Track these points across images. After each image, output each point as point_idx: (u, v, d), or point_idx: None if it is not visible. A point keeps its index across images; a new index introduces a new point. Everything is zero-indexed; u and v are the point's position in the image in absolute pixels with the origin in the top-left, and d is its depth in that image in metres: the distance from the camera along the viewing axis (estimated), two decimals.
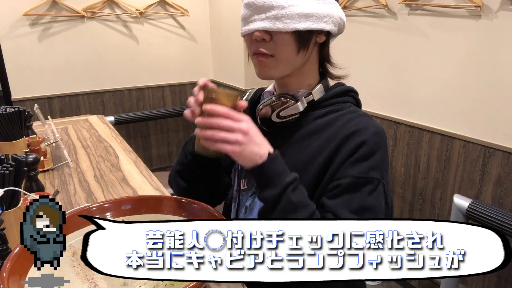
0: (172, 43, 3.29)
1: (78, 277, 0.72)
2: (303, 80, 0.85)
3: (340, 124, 0.81)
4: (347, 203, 0.74)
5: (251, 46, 0.81)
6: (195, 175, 0.90)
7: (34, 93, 2.89)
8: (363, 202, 0.74)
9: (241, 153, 0.70)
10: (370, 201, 0.74)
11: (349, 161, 0.76)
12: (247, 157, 0.71)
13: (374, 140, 0.77)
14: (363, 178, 0.75)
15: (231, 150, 0.70)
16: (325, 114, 0.83)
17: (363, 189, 0.74)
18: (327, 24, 0.79)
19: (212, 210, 0.79)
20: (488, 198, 1.74)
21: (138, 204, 0.84)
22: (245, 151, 0.70)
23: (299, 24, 0.76)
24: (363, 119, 0.81)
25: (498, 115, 1.64)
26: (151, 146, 3.46)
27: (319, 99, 0.84)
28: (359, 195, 0.74)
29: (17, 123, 1.37)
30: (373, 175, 0.75)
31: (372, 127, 0.79)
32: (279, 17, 0.76)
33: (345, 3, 2.18)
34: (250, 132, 0.71)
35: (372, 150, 0.76)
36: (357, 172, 0.75)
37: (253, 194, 0.89)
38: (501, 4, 1.55)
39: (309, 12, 0.76)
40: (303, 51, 0.79)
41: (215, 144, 0.70)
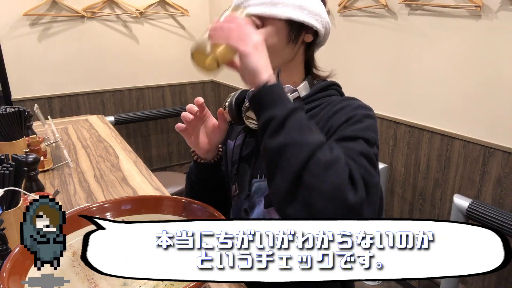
0: (172, 43, 3.29)
1: (78, 277, 0.72)
2: (289, 77, 0.85)
3: (325, 111, 0.81)
4: (346, 149, 0.69)
5: None
6: (205, 190, 0.92)
7: (34, 93, 2.89)
8: (363, 149, 0.70)
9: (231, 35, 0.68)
10: (369, 150, 0.71)
11: (341, 128, 0.74)
12: (240, 37, 0.68)
13: (361, 111, 0.76)
14: (360, 134, 0.72)
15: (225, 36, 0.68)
16: (311, 109, 0.84)
17: (360, 141, 0.71)
18: (317, 22, 0.80)
19: (212, 210, 0.79)
20: (488, 198, 1.74)
21: (138, 204, 0.84)
22: (235, 32, 0.68)
23: (293, 14, 0.77)
24: (348, 101, 0.80)
25: (498, 115, 1.64)
26: (151, 146, 3.46)
27: (305, 96, 0.85)
28: (358, 144, 0.71)
29: (17, 123, 1.37)
30: (368, 133, 0.73)
31: (356, 103, 0.79)
32: (275, 3, 0.77)
33: (345, 3, 2.18)
34: (237, 21, 0.70)
35: (362, 117, 0.75)
36: (352, 131, 0.73)
37: (247, 197, 0.89)
38: (501, 4, 1.55)
39: (303, 5, 0.78)
40: (292, 43, 0.80)
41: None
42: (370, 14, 2.10)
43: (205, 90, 3.56)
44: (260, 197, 0.86)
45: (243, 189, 0.90)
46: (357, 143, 0.71)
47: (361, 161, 0.68)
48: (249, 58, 0.67)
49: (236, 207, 0.92)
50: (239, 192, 0.91)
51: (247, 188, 0.89)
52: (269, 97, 0.67)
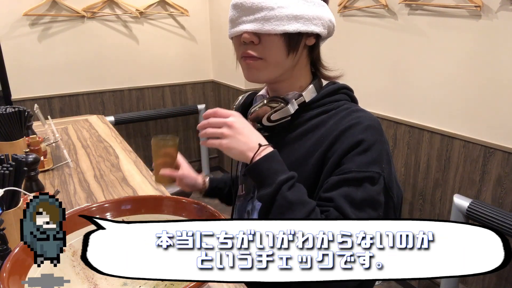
0: (172, 43, 3.29)
1: (78, 277, 0.72)
2: (294, 82, 0.83)
3: (332, 123, 0.79)
4: (347, 196, 0.71)
5: (239, 49, 0.80)
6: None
7: (34, 93, 2.89)
8: (365, 196, 0.72)
9: (228, 145, 0.73)
10: (372, 195, 0.72)
11: (347, 157, 0.74)
12: (235, 149, 0.73)
13: (369, 135, 0.75)
14: (363, 172, 0.72)
15: (218, 143, 0.73)
16: (317, 115, 0.82)
17: (364, 184, 0.72)
18: (316, 27, 0.77)
19: (212, 210, 0.79)
20: (488, 198, 1.74)
21: (138, 204, 0.84)
22: (232, 143, 0.73)
23: (289, 26, 0.74)
24: (356, 114, 0.79)
25: (498, 115, 1.64)
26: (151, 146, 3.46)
27: (311, 100, 0.83)
28: (361, 189, 0.72)
29: (17, 123, 1.37)
30: (373, 169, 0.73)
31: (365, 121, 0.77)
32: (268, 18, 0.74)
33: (345, 3, 2.18)
34: (235, 125, 0.73)
35: (369, 145, 0.74)
36: (357, 166, 0.73)
37: (251, 199, 0.89)
38: (501, 4, 1.55)
39: (298, 14, 0.75)
40: (292, 53, 0.78)
41: (204, 143, 0.75)
42: (370, 14, 2.10)
43: (205, 90, 3.56)
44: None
45: (249, 190, 0.90)
46: (360, 189, 0.72)
47: (365, 211, 0.72)
48: (228, 149, 0.74)
49: (241, 207, 0.92)
50: (245, 193, 0.91)
51: (252, 190, 0.89)
52: (258, 175, 0.73)
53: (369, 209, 0.72)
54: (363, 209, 0.71)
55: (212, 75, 3.53)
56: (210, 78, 3.54)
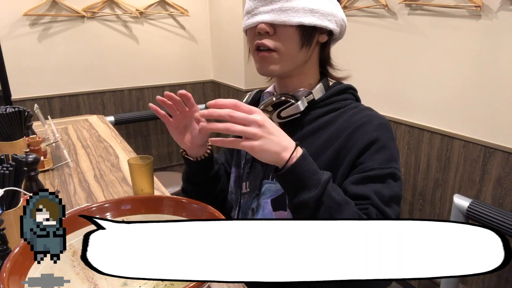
0: (172, 43, 3.29)
1: (78, 277, 0.72)
2: (303, 79, 0.84)
3: (342, 121, 0.81)
4: (378, 193, 0.73)
5: (253, 40, 0.80)
6: (192, 185, 0.92)
7: (34, 93, 2.89)
8: (391, 192, 0.74)
9: (262, 148, 0.62)
10: (396, 191, 0.76)
11: (365, 156, 0.76)
12: (269, 151, 0.63)
13: (383, 133, 0.78)
14: (385, 169, 0.75)
15: (249, 146, 0.62)
16: (326, 113, 0.83)
17: (388, 180, 0.75)
18: (330, 23, 0.79)
19: (212, 210, 0.79)
20: (488, 198, 1.74)
21: (138, 204, 0.84)
22: (266, 145, 0.62)
23: (304, 19, 0.75)
24: (366, 113, 0.82)
25: (498, 115, 1.64)
26: (151, 146, 3.46)
27: (320, 98, 0.84)
28: (387, 186, 0.75)
29: (17, 123, 1.37)
30: (393, 165, 0.76)
31: (376, 119, 0.80)
32: (285, 9, 0.75)
33: (345, 3, 2.18)
34: (266, 124, 0.63)
35: (384, 142, 0.77)
36: (378, 164, 0.75)
37: (256, 197, 0.88)
38: (501, 4, 1.55)
39: (314, 8, 0.76)
40: (306, 47, 0.78)
41: (230, 142, 0.63)
42: (370, 14, 2.10)
43: (205, 90, 3.56)
44: (267, 199, 0.86)
45: (254, 188, 0.89)
46: (385, 185, 0.74)
47: (392, 207, 0.73)
48: (261, 152, 0.63)
49: (245, 205, 0.91)
50: (249, 191, 0.91)
51: (258, 188, 0.88)
52: (297, 177, 0.65)
53: (394, 204, 0.75)
54: (391, 205, 0.74)
55: (212, 75, 3.53)
56: (210, 78, 3.54)
